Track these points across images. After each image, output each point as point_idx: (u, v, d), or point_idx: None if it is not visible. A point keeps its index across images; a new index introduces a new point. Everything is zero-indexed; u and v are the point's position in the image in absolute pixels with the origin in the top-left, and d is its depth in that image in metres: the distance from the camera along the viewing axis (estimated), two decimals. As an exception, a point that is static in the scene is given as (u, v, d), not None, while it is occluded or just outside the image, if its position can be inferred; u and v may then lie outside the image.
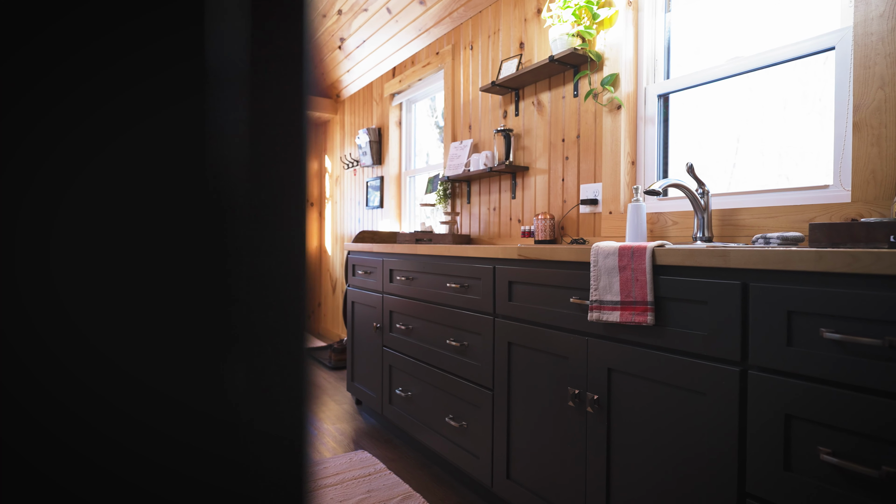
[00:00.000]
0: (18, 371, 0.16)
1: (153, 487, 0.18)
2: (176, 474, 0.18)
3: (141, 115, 0.18)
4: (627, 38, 1.99)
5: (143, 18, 0.18)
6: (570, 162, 2.23)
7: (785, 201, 1.55)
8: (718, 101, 1.77)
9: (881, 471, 0.79)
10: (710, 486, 1.04)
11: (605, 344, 1.27)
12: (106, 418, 0.17)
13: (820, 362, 0.88)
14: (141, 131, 0.18)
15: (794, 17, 1.58)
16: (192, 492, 0.19)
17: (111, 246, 0.17)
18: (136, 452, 0.18)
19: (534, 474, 1.51)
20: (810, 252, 0.88)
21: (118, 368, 0.18)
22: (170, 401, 0.18)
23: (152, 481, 0.18)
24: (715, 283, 1.04)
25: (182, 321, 0.18)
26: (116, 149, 0.17)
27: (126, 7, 0.17)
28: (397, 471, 2.04)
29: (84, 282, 0.17)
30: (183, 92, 0.18)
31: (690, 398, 1.09)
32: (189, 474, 0.18)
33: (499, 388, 1.64)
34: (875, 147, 1.30)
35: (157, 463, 0.18)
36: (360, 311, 2.65)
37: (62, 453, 0.17)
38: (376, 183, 3.85)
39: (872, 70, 1.31)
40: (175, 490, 0.18)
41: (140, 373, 0.18)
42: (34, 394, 0.17)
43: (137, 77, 0.18)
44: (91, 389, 0.17)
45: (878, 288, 0.82)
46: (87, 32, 0.17)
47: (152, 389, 0.18)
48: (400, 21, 3.17)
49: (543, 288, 1.48)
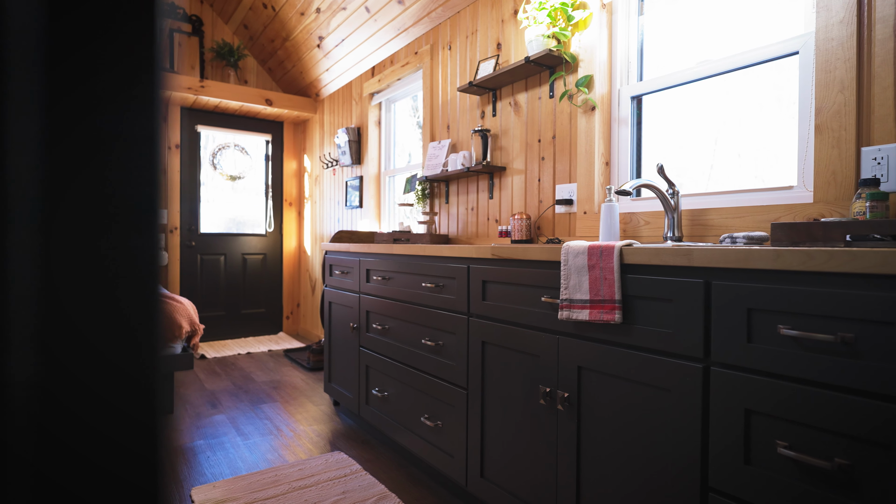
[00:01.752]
0: None
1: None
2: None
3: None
4: (602, 41, 2.01)
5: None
6: (546, 162, 2.24)
7: (752, 202, 1.59)
8: (697, 103, 1.80)
9: (833, 463, 0.82)
10: (676, 481, 1.06)
11: (575, 342, 1.29)
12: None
13: (777, 358, 0.90)
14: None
15: (763, 21, 1.62)
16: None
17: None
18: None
19: (507, 472, 1.52)
20: (769, 251, 0.91)
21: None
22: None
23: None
24: (679, 281, 1.06)
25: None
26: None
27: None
28: (374, 471, 2.03)
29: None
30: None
31: (656, 395, 1.11)
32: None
33: (473, 387, 1.64)
34: (835, 149, 1.34)
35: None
36: (337, 311, 2.63)
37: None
38: (356, 183, 3.83)
39: (833, 74, 1.35)
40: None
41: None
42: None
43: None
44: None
45: (831, 285, 0.84)
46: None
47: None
48: (378, 20, 3.16)
49: (516, 287, 1.49)
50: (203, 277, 4.47)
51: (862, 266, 0.79)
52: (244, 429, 2.47)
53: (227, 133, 4.59)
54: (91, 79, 0.20)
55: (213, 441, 2.31)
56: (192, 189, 4.41)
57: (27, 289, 0.19)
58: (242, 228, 4.72)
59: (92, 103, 0.20)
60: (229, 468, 2.04)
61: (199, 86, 4.03)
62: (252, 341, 4.53)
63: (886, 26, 1.25)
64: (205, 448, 2.23)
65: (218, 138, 4.56)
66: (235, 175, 4.60)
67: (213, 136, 4.55)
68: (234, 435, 2.39)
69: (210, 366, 3.70)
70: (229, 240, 4.60)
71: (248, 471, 2.02)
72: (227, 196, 4.63)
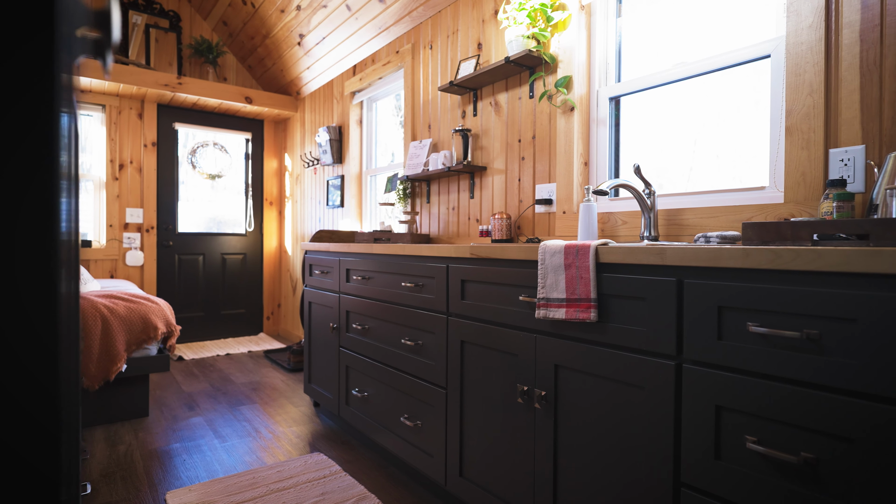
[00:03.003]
0: None
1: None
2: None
3: None
4: (580, 42, 2.03)
5: None
6: (526, 162, 2.26)
7: (726, 202, 1.61)
8: (677, 105, 1.82)
9: (799, 457, 0.84)
10: (650, 477, 1.08)
11: (552, 341, 1.30)
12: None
13: (747, 355, 0.92)
14: None
15: (738, 24, 1.65)
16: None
17: None
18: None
19: (485, 471, 1.52)
20: (738, 250, 0.92)
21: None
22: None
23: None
24: (653, 280, 1.07)
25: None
26: None
27: None
28: (353, 472, 2.02)
29: None
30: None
31: (631, 392, 1.12)
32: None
33: (452, 386, 1.64)
34: (805, 150, 1.37)
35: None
36: (317, 311, 2.61)
37: None
38: (337, 182, 3.81)
39: (803, 77, 1.38)
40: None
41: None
42: None
43: None
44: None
45: (797, 283, 0.86)
46: None
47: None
48: (360, 18, 3.14)
49: (494, 286, 1.49)
50: (181, 278, 4.39)
51: (826, 264, 0.81)
52: (222, 431, 2.43)
53: (206, 131, 4.52)
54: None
55: (189, 444, 2.27)
56: (169, 188, 4.33)
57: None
58: (222, 228, 4.65)
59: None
60: (206, 471, 2.00)
61: (177, 82, 3.96)
62: (232, 342, 4.47)
63: (853, 31, 1.29)
64: (181, 451, 2.19)
65: (197, 136, 4.49)
66: (214, 174, 4.53)
67: (192, 134, 4.47)
68: (212, 437, 2.35)
69: (188, 367, 3.64)
70: (208, 239, 4.53)
71: (226, 473, 1.99)
72: (206, 195, 4.56)
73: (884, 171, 1.12)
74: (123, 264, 4.10)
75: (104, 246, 4.01)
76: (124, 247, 4.09)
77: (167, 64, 4.20)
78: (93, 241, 4.02)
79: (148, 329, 2.52)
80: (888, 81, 1.23)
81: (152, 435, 2.38)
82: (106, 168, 4.02)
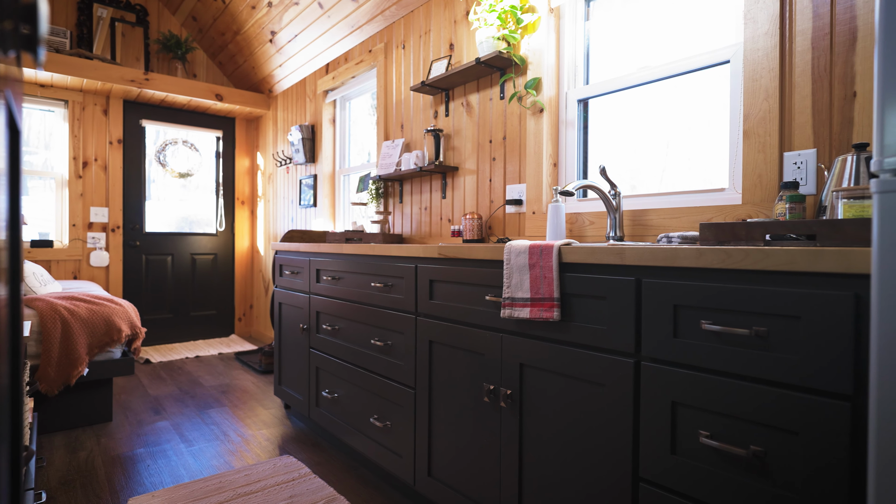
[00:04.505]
0: None
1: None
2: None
3: None
4: (550, 44, 2.05)
5: None
6: (497, 163, 2.27)
7: (688, 203, 1.65)
8: (650, 108, 1.85)
9: (749, 450, 0.86)
10: (611, 473, 1.09)
11: (518, 340, 1.31)
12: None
13: (700, 352, 0.94)
14: None
15: (702, 30, 1.69)
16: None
17: None
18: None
19: (453, 470, 1.52)
20: (692, 249, 0.95)
21: None
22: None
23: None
24: (613, 279, 1.09)
25: None
26: None
27: None
28: (323, 474, 2.00)
29: None
30: None
31: (592, 390, 1.14)
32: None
33: (420, 386, 1.64)
34: (761, 154, 1.42)
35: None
36: (287, 312, 2.58)
37: None
38: (310, 181, 3.77)
39: (759, 83, 1.42)
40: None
41: None
42: None
43: None
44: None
45: (747, 282, 0.89)
46: None
47: None
48: (332, 17, 3.11)
49: (462, 286, 1.50)
50: (148, 279, 4.28)
51: (773, 264, 0.84)
52: (189, 435, 2.38)
53: (176, 129, 4.42)
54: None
55: (154, 449, 2.22)
56: (136, 187, 4.22)
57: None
58: (193, 227, 4.55)
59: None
60: (171, 477, 1.96)
61: (144, 78, 3.86)
62: (202, 344, 4.37)
63: (805, 39, 1.33)
64: (145, 456, 2.14)
65: (166, 134, 4.38)
66: (184, 172, 4.43)
67: (161, 132, 4.36)
68: (178, 442, 2.30)
69: (155, 371, 3.55)
70: (177, 239, 4.43)
71: (192, 478, 1.95)
72: (176, 194, 4.45)
73: (832, 174, 1.16)
74: (88, 265, 3.98)
75: (66, 246, 3.88)
76: (88, 247, 3.97)
77: (134, 59, 4.09)
78: (54, 241, 3.89)
79: (111, 331, 2.45)
80: (837, 88, 1.28)
81: (115, 440, 2.31)
82: (69, 165, 3.89)
